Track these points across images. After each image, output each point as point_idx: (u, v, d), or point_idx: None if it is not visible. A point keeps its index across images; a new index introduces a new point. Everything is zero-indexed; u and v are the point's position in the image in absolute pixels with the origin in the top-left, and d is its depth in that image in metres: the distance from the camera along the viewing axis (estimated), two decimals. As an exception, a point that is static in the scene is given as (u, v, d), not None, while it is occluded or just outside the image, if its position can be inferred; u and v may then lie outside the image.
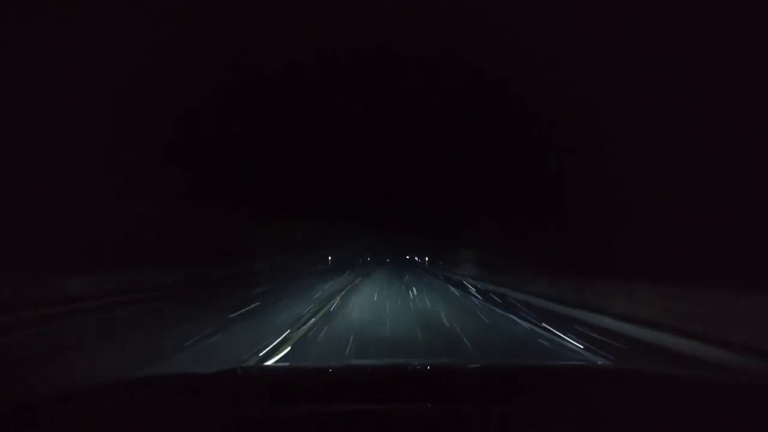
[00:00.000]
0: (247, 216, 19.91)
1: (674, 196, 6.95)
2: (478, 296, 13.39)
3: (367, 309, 9.94)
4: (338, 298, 11.91)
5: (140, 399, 1.08)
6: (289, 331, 6.66)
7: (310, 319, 8.00)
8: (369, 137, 19.13)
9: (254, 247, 21.33)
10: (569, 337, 6.50)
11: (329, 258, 38.64)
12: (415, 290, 15.05)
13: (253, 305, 9.71)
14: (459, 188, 21.33)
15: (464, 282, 19.18)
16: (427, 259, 46.60)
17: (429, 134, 17.19)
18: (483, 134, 14.42)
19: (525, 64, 9.31)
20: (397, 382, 1.37)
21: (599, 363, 4.13)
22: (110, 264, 10.71)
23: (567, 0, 7.53)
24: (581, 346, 5.98)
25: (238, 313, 8.55)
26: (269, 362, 4.76)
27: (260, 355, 5.13)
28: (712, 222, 5.98)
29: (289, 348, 5.56)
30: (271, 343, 5.71)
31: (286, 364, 4.16)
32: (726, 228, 5.76)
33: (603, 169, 9.14)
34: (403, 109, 14.79)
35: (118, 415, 0.93)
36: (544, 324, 7.69)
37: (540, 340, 6.50)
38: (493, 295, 13.14)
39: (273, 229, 24.26)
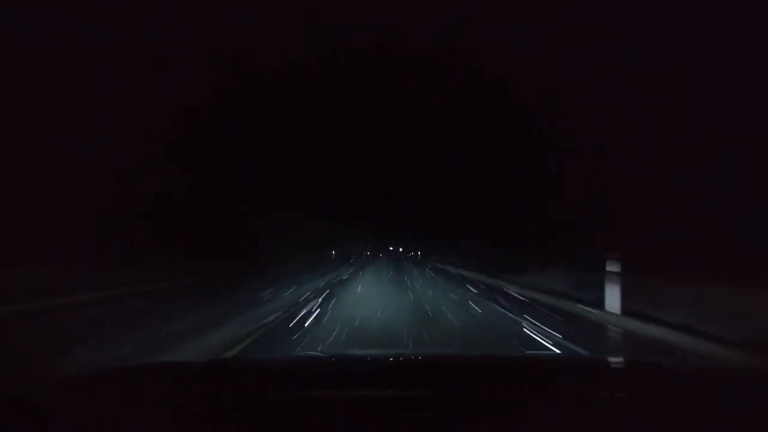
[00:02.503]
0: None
1: (674, 195, 6.95)
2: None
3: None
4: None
5: (132, 388, 1.08)
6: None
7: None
8: (369, 137, 19.12)
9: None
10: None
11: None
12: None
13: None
14: (459, 188, 21.35)
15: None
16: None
17: (429, 134, 17.19)
18: (483, 134, 14.42)
19: (525, 64, 9.31)
20: (393, 372, 1.37)
21: (601, 356, 4.13)
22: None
23: (567, 0, 7.52)
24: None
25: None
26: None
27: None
28: (712, 221, 5.97)
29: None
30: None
31: (275, 355, 4.08)
32: (726, 227, 5.76)
33: (603, 169, 9.13)
34: (403, 109, 14.83)
35: (109, 404, 0.93)
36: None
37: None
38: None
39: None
